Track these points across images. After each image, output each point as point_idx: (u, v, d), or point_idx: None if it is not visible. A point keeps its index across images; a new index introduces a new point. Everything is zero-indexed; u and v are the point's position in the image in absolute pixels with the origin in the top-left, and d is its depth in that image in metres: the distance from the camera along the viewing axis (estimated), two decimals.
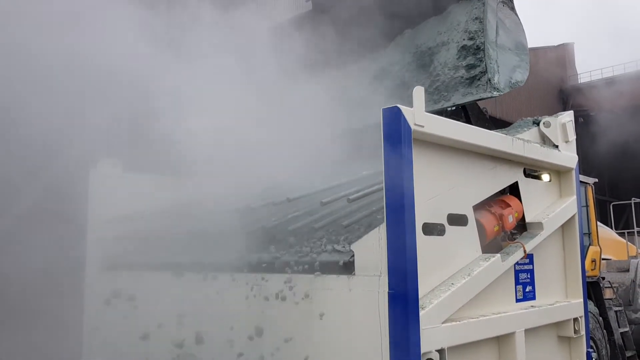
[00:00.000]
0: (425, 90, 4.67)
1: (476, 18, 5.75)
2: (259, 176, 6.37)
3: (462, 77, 5.73)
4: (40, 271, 7.21)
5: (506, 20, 5.80)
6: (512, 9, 5.88)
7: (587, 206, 7.95)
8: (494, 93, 5.46)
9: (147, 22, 6.56)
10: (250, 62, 7.06)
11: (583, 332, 5.02)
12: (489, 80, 5.44)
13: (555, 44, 31.15)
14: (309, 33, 6.57)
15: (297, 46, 6.62)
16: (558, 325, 4.88)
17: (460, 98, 5.68)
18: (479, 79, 5.60)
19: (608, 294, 8.18)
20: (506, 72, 5.63)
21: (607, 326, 7.68)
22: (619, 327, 8.05)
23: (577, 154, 5.41)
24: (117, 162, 5.99)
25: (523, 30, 5.93)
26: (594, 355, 5.08)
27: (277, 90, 7.49)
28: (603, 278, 8.31)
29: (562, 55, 30.87)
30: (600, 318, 7.58)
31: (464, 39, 5.80)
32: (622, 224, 19.50)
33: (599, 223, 8.91)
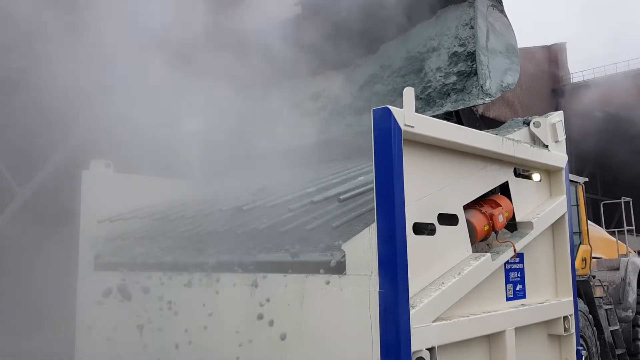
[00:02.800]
0: (417, 97, 4.69)
1: (466, 24, 5.78)
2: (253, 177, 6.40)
3: (453, 83, 5.75)
4: (33, 271, 7.21)
5: (496, 24, 5.81)
6: (502, 11, 5.89)
7: (577, 205, 8.00)
8: (486, 99, 5.49)
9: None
10: (241, 64, 7.08)
11: (573, 330, 5.06)
12: (481, 87, 5.47)
13: (548, 44, 31.28)
14: (299, 37, 6.57)
15: (287, 49, 6.63)
16: (548, 323, 4.92)
17: (452, 105, 5.70)
18: (470, 86, 5.62)
19: (598, 292, 8.22)
20: (497, 77, 5.65)
21: (597, 324, 7.73)
22: (609, 326, 8.10)
23: (570, 153, 5.45)
24: (110, 162, 5.99)
25: (513, 31, 5.95)
26: (584, 353, 5.11)
27: (267, 93, 7.50)
28: (593, 276, 8.36)
29: (554, 55, 30.98)
30: (590, 316, 7.63)
31: (454, 45, 5.83)
32: (614, 223, 19.60)
33: (589, 222, 8.97)
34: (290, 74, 7.24)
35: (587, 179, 8.61)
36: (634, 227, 12.39)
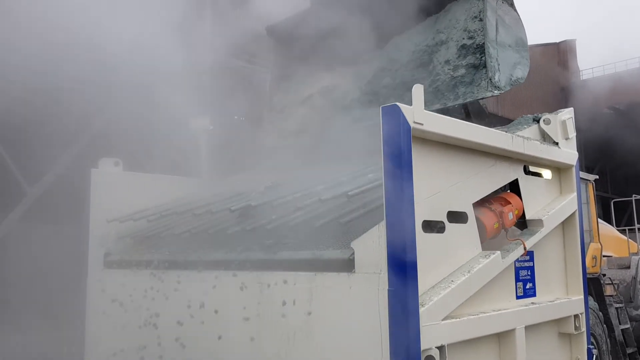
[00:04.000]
0: (425, 90, 4.65)
1: (475, 17, 5.75)
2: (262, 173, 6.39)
3: (462, 76, 5.72)
4: (43, 269, 7.25)
5: (506, 17, 5.77)
6: (512, 4, 5.85)
7: (587, 203, 7.95)
8: (495, 92, 5.46)
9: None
10: (247, 60, 7.07)
11: (584, 329, 5.02)
12: (490, 79, 5.44)
13: (557, 41, 31.09)
14: (305, 30, 6.56)
15: (294, 43, 6.62)
16: (559, 321, 4.88)
17: (460, 97, 5.67)
18: (479, 78, 5.60)
19: (609, 290, 8.17)
20: (506, 70, 5.61)
21: (607, 323, 7.67)
22: (620, 324, 8.03)
23: (580, 150, 5.40)
24: (119, 160, 6.01)
25: (523, 26, 5.89)
26: (594, 351, 5.06)
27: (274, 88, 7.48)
28: (604, 275, 8.30)
29: (563, 52, 30.80)
30: (601, 314, 7.58)
31: (463, 38, 5.80)
32: (625, 221, 19.46)
33: (600, 220, 8.90)
34: (297, 68, 7.22)
35: (597, 177, 8.55)
36: None
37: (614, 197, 16.32)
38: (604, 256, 8.43)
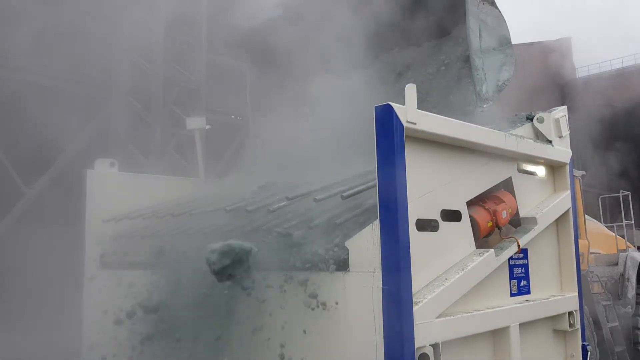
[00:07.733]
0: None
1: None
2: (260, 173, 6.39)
3: (449, 91, 5.68)
4: (39, 270, 7.25)
5: (488, 19, 5.62)
6: (492, 3, 5.70)
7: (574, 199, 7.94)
8: (484, 106, 5.41)
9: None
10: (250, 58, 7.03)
11: (578, 326, 5.05)
12: (478, 93, 5.38)
13: (553, 39, 31.15)
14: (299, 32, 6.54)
15: (291, 46, 6.60)
16: (553, 319, 4.91)
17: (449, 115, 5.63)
18: (466, 92, 5.54)
19: (596, 288, 8.13)
20: (493, 77, 5.53)
21: (595, 321, 7.60)
22: (608, 322, 7.98)
23: (576, 147, 5.40)
24: (114, 161, 6.02)
25: (505, 22, 5.70)
26: (589, 348, 5.08)
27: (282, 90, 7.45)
28: (591, 272, 8.27)
29: (559, 49, 30.85)
30: (588, 313, 7.52)
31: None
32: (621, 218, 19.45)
33: (588, 217, 8.89)
34: (299, 72, 7.21)
35: (584, 172, 8.55)
36: (632, 222, 12.27)
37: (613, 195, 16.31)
38: (591, 253, 8.41)
